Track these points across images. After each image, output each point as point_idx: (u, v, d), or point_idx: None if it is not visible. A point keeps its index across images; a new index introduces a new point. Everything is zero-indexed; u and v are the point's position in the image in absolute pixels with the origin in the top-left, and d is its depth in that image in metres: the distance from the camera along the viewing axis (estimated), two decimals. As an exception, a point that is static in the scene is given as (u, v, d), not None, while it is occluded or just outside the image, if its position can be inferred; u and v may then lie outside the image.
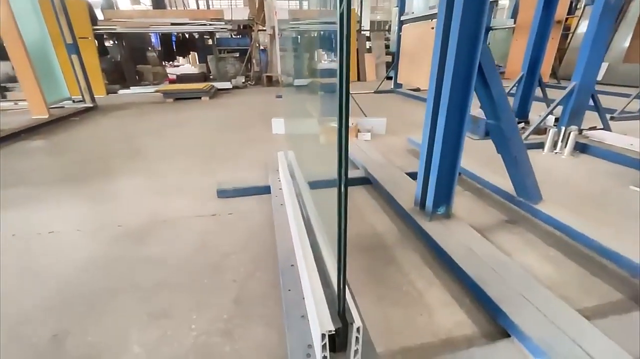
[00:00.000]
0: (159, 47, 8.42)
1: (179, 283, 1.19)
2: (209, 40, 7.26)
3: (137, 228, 1.55)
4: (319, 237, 1.03)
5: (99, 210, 1.75)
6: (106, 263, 1.31)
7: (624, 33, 6.24)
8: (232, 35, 8.01)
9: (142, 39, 7.80)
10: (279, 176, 1.87)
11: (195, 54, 8.17)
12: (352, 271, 1.21)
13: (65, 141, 3.12)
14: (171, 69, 8.78)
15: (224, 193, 1.84)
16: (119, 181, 2.12)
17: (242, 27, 7.61)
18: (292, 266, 1.09)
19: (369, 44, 8.07)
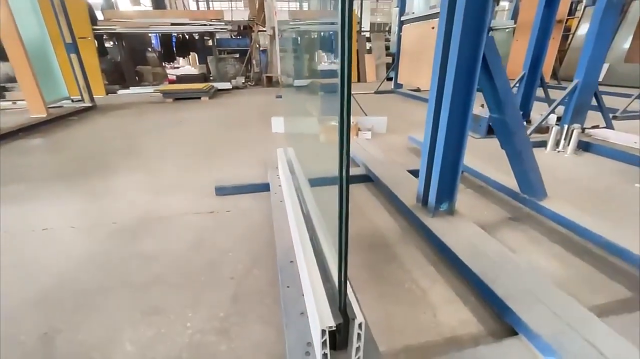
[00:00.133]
0: (159, 48, 8.41)
1: (174, 280, 1.16)
2: (209, 41, 7.25)
3: (132, 225, 1.52)
4: (319, 232, 0.99)
5: (94, 207, 1.72)
6: (99, 260, 1.27)
7: (625, 34, 6.24)
8: (232, 36, 8.00)
9: (142, 40, 7.79)
10: (278, 173, 1.84)
11: (195, 55, 8.15)
12: (352, 269, 1.17)
13: (63, 139, 3.09)
14: (171, 70, 8.77)
15: (222, 190, 1.81)
16: (116, 178, 2.09)
17: (242, 27, 7.62)
18: (291, 263, 1.06)
19: (369, 45, 8.07)
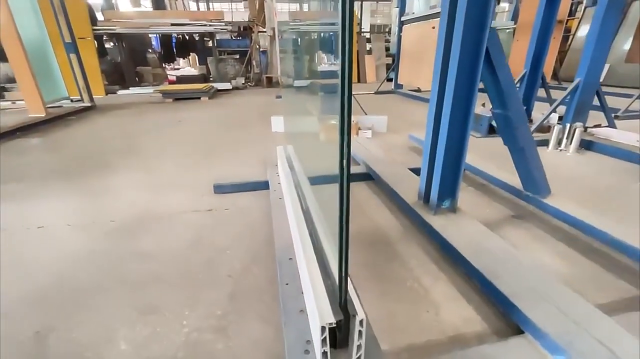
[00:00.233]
0: (159, 49, 8.41)
1: (171, 278, 1.13)
2: (209, 42, 7.25)
3: (129, 223, 1.50)
4: (318, 229, 0.97)
5: (91, 205, 1.70)
6: (95, 258, 1.25)
7: (625, 35, 6.24)
8: (232, 37, 8.01)
9: (142, 41, 7.79)
10: (277, 171, 1.81)
11: (195, 56, 8.14)
12: (353, 267, 1.15)
13: (61, 138, 3.07)
14: (171, 71, 8.76)
15: (220, 189, 1.79)
16: (114, 177, 2.07)
17: (242, 28, 7.62)
18: (290, 260, 1.04)
19: (369, 46, 8.06)
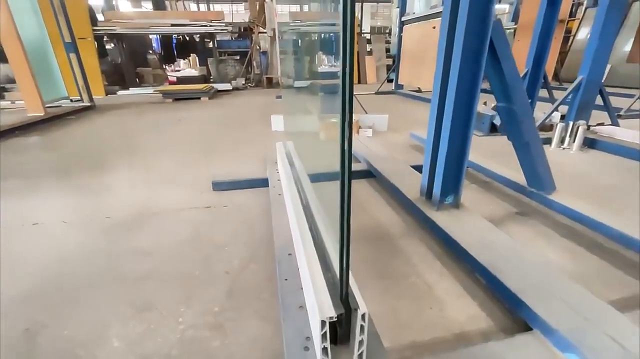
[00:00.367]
0: (160, 50, 8.41)
1: (168, 275, 1.10)
2: (210, 43, 7.25)
3: (126, 220, 1.47)
4: (318, 222, 0.94)
5: (88, 202, 1.67)
6: (89, 254, 1.22)
7: (625, 37, 6.24)
8: (233, 38, 8.01)
9: (142, 42, 7.79)
10: (277, 168, 1.79)
11: (195, 57, 8.14)
12: (355, 263, 1.12)
13: (60, 137, 3.05)
14: (172, 73, 8.76)
15: (219, 186, 1.76)
16: (112, 174, 2.04)
17: (242, 29, 7.62)
18: (290, 255, 1.01)
19: (369, 47, 8.06)
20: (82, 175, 2.04)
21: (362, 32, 9.65)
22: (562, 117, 2.70)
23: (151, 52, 8.18)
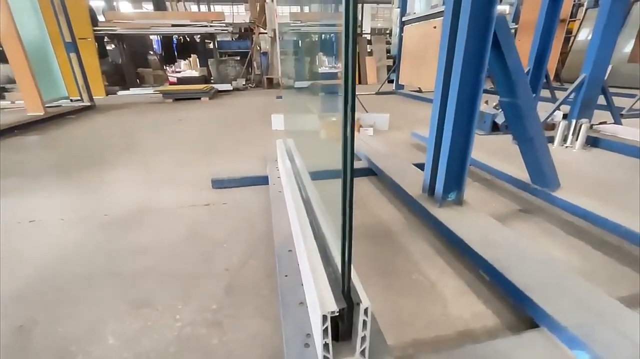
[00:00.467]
0: (160, 51, 8.41)
1: (166, 271, 1.08)
2: (210, 44, 7.25)
3: (124, 217, 1.45)
4: (319, 215, 0.92)
5: (86, 200, 1.65)
6: (86, 251, 1.20)
7: (626, 38, 6.23)
8: (233, 39, 8.01)
9: (143, 43, 7.80)
10: (277, 166, 1.77)
11: (196, 58, 8.14)
12: (356, 260, 1.10)
13: (60, 136, 3.04)
14: (172, 74, 8.76)
15: (218, 183, 1.74)
16: (111, 172, 2.02)
17: (243, 30, 7.62)
18: (290, 251, 0.99)
19: (370, 48, 8.05)
20: (81, 173, 2.02)
21: (363, 32, 9.66)
22: (564, 117, 2.68)
23: (152, 53, 8.19)
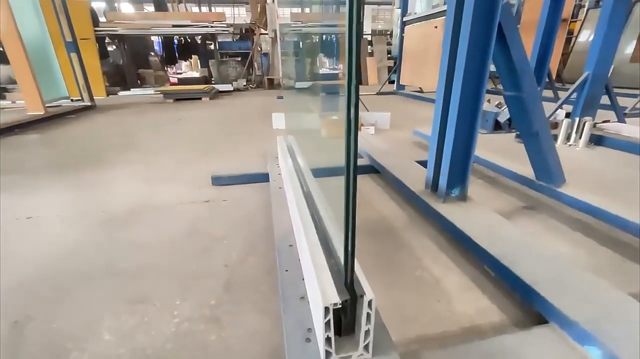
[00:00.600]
0: (161, 52, 8.42)
1: (164, 268, 1.06)
2: (211, 45, 7.26)
3: (122, 214, 1.43)
4: (320, 208, 0.90)
5: (84, 197, 1.63)
6: (83, 248, 1.18)
7: (628, 38, 6.22)
8: (234, 39, 8.02)
9: (144, 44, 7.81)
10: (277, 163, 1.75)
11: (197, 58, 8.15)
12: (359, 257, 1.07)
13: (60, 135, 3.02)
14: (173, 75, 8.76)
15: (218, 180, 1.72)
16: (111, 170, 2.01)
17: (244, 30, 7.63)
18: (290, 246, 0.96)
19: (371, 49, 8.06)
20: (80, 171, 2.00)
21: (364, 34, 9.66)
22: (567, 115, 2.66)
23: (153, 53, 8.20)
